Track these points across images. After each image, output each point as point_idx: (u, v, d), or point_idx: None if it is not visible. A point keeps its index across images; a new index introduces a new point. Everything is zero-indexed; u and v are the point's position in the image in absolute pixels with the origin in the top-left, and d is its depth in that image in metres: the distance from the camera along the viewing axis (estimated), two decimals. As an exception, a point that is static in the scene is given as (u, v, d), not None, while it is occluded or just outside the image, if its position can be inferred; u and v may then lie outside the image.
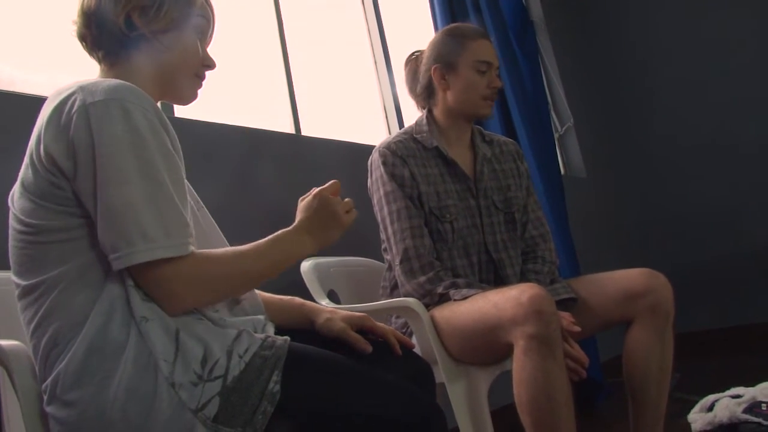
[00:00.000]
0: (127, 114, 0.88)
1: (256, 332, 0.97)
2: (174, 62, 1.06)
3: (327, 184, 1.12)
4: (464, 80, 1.74)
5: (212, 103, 2.11)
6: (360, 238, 2.15)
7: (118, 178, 0.87)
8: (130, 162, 0.87)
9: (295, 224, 1.07)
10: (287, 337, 0.92)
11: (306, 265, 1.80)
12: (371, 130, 2.78)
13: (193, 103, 1.14)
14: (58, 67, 1.67)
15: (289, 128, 2.35)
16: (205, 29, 1.10)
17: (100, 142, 0.87)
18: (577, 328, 1.42)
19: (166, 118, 0.95)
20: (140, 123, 0.89)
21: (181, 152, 0.99)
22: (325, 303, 1.66)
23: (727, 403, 1.87)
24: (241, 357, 0.88)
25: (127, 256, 0.86)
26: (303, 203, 1.11)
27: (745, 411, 1.84)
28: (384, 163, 1.69)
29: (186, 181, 1.11)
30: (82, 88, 0.90)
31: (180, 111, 1.96)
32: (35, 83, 1.66)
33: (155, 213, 0.88)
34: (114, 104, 0.88)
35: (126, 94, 0.90)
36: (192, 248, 0.91)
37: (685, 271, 3.77)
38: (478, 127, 1.91)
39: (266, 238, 1.02)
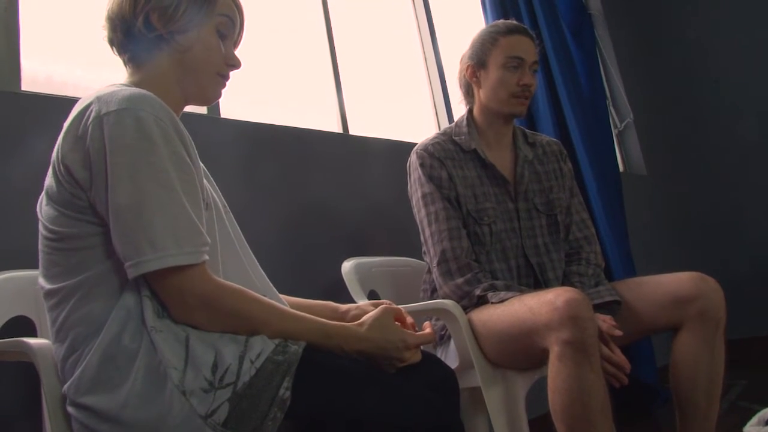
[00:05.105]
0: (139, 123, 0.90)
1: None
2: (194, 62, 1.06)
3: (424, 334, 1.05)
4: (493, 77, 1.71)
5: (259, 104, 2.14)
6: (404, 238, 2.14)
7: (128, 187, 0.88)
8: (141, 170, 0.89)
9: (361, 342, 0.98)
10: (303, 342, 0.92)
11: (347, 265, 1.80)
12: (421, 127, 2.76)
13: (240, 102, 1.12)
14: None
15: (336, 128, 2.36)
16: (228, 28, 1.09)
17: (112, 151, 0.88)
18: (618, 332, 1.38)
19: (182, 126, 0.96)
20: (152, 131, 0.90)
21: (198, 160, 1.00)
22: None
23: (786, 416, 1.78)
24: (252, 362, 0.88)
25: (137, 265, 0.87)
26: (387, 334, 1.00)
27: (807, 425, 1.74)
28: (422, 165, 1.67)
29: (213, 183, 1.13)
30: (99, 99, 0.92)
31: (227, 112, 2.00)
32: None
33: (165, 221, 0.88)
34: (127, 114, 0.90)
35: (140, 103, 0.91)
36: (206, 257, 0.92)
37: (755, 275, 3.60)
38: (521, 128, 1.87)
39: (317, 319, 0.98)
